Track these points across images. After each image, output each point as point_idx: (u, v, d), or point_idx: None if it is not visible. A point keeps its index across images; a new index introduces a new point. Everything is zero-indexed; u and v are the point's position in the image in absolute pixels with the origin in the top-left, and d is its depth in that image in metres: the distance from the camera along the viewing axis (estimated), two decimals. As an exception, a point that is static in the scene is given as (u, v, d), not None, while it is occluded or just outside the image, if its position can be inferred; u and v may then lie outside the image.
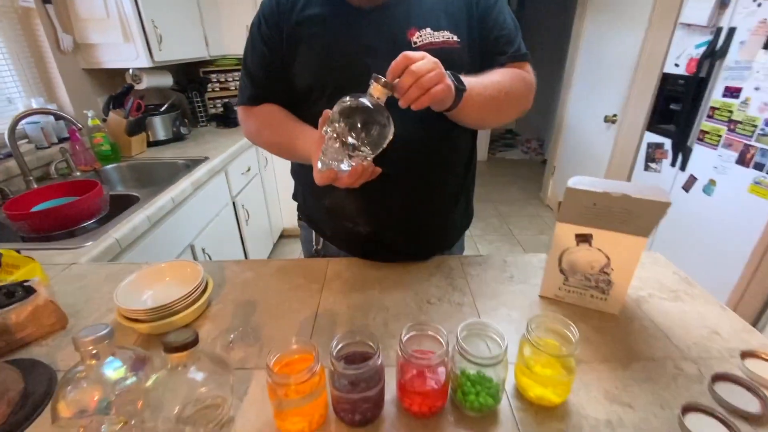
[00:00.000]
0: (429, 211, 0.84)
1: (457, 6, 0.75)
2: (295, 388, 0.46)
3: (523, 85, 0.76)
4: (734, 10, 1.50)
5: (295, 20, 0.75)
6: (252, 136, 0.87)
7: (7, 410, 0.53)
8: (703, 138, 1.65)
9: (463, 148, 0.85)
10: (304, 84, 0.77)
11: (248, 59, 0.82)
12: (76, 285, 0.83)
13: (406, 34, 0.72)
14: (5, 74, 1.51)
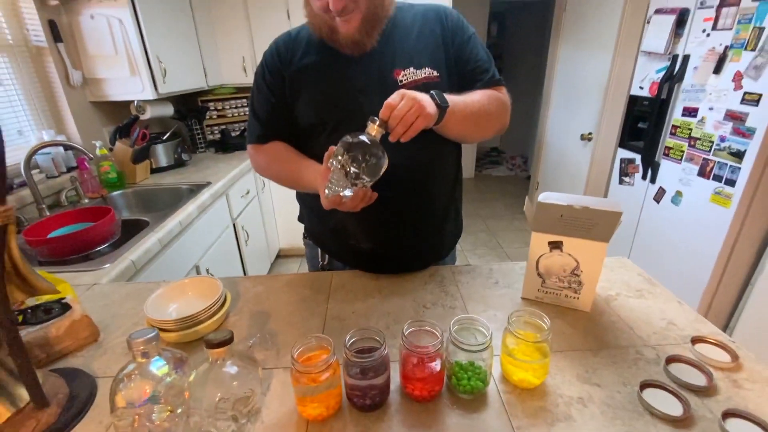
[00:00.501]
0: (423, 226, 0.94)
1: (435, 45, 0.86)
2: (314, 376, 0.55)
3: (499, 103, 0.88)
4: (687, 40, 1.68)
5: (295, 68, 0.86)
6: (261, 170, 0.97)
7: (57, 411, 0.60)
8: (668, 153, 1.81)
9: (448, 170, 0.96)
10: (306, 122, 0.88)
11: (255, 103, 0.92)
12: (100, 303, 0.91)
13: (392, 74, 0.83)
14: (17, 108, 1.60)
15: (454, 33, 0.88)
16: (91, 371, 0.70)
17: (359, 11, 0.78)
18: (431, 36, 0.87)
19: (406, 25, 0.87)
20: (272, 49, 0.90)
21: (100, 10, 1.66)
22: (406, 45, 0.85)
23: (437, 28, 0.87)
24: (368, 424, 0.58)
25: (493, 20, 5.31)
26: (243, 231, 2.09)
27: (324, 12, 0.77)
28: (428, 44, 0.86)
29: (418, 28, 0.87)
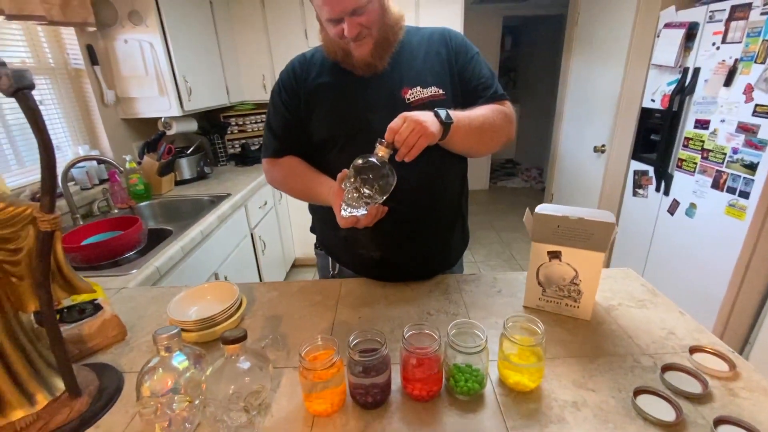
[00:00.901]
0: (429, 236, 0.98)
1: (440, 65, 0.92)
2: (320, 373, 0.59)
3: (503, 117, 0.91)
4: (697, 53, 1.69)
5: (310, 87, 0.93)
6: (276, 184, 1.03)
7: (88, 401, 0.66)
8: (681, 165, 1.80)
9: (454, 183, 1.00)
10: (319, 138, 0.94)
11: (271, 120, 0.99)
12: (128, 305, 0.98)
13: (401, 93, 0.89)
14: (56, 125, 1.73)
15: (458, 53, 0.93)
16: (118, 367, 0.76)
17: (372, 37, 0.84)
18: (437, 57, 0.92)
19: (413, 47, 0.93)
20: (288, 70, 0.97)
21: (133, 35, 1.80)
22: (413, 66, 0.91)
23: (442, 49, 0.93)
24: (370, 421, 0.62)
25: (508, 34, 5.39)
26: (260, 241, 2.17)
27: (339, 38, 0.83)
28: (434, 64, 0.92)
29: (425, 50, 0.93)
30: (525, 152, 5.66)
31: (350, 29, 0.80)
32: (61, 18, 1.51)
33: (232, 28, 2.53)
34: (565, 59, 3.00)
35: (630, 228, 2.23)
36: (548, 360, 0.72)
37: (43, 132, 0.48)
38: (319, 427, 0.61)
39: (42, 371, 0.64)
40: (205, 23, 2.21)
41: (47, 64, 1.68)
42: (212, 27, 2.29)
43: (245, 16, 2.51)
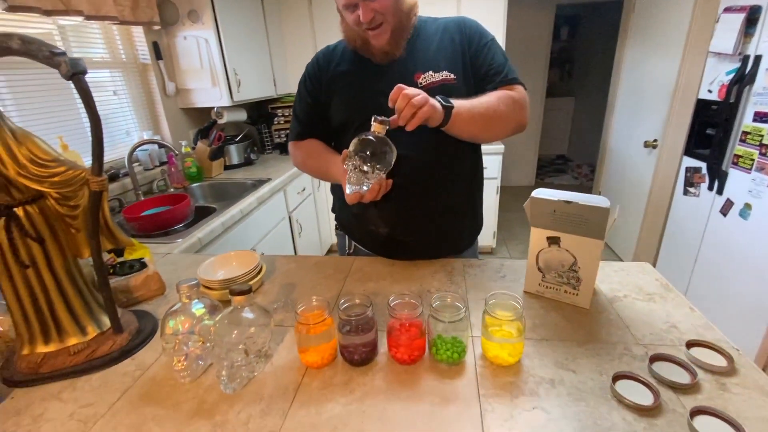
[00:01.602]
0: (436, 218, 1.02)
1: (453, 51, 0.95)
2: (311, 327, 0.67)
3: (511, 102, 0.91)
4: (759, 39, 1.53)
5: (331, 74, 1.00)
6: (299, 164, 1.12)
7: (128, 337, 0.79)
8: (737, 162, 1.65)
9: (464, 169, 1.02)
10: (338, 121, 1.01)
11: (297, 107, 1.08)
12: (170, 267, 1.13)
13: (413, 78, 0.93)
14: (127, 113, 1.98)
15: (471, 39, 0.96)
16: (156, 315, 0.89)
17: (389, 24, 0.89)
18: (450, 43, 0.96)
19: (429, 35, 0.97)
20: (313, 60, 1.06)
21: (191, 32, 1.99)
22: (427, 52, 0.95)
23: (456, 36, 0.96)
24: (354, 376, 0.68)
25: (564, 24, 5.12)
26: (297, 224, 2.31)
27: (357, 25, 0.89)
28: (447, 50, 0.95)
29: (440, 37, 0.97)
30: (578, 148, 5.37)
31: (365, 14, 0.85)
32: (131, 18, 1.72)
33: (281, 24, 2.68)
34: (619, 48, 2.82)
35: (679, 229, 2.07)
36: (535, 341, 0.74)
37: (93, 110, 0.59)
38: (310, 376, 0.68)
39: (93, 309, 0.77)
40: (255, 19, 2.38)
41: (120, 59, 1.92)
42: (262, 23, 2.45)
43: (293, 12, 2.66)
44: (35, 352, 0.72)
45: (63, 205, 0.69)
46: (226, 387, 0.66)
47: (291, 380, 0.68)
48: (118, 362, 0.75)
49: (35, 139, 0.65)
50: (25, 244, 0.67)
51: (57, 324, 0.73)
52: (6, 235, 0.65)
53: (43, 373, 0.71)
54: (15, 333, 0.73)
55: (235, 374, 0.66)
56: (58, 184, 0.65)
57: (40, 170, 0.64)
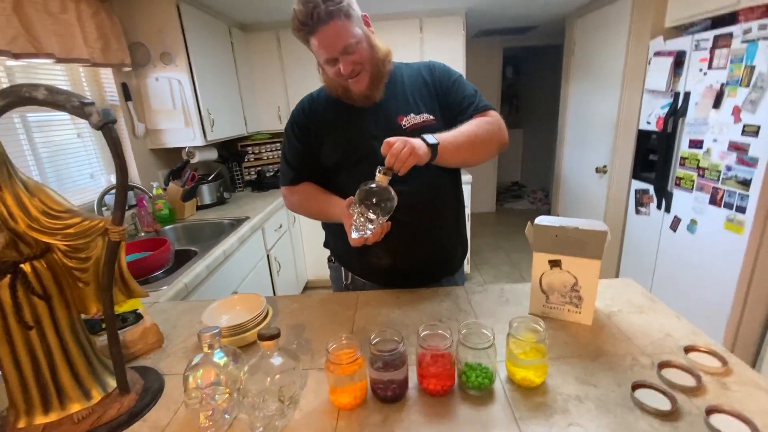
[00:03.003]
0: (432, 243, 1.08)
1: (428, 93, 1.05)
2: (344, 368, 0.66)
3: (489, 126, 1.00)
4: (686, 78, 1.79)
5: (318, 121, 1.05)
6: (295, 208, 1.15)
7: (135, 398, 0.74)
8: (679, 183, 1.87)
9: (449, 195, 1.10)
10: (329, 163, 1.06)
11: (287, 153, 1.11)
12: (161, 317, 1.06)
13: (397, 120, 1.01)
14: (92, 156, 1.88)
15: (441, 79, 1.06)
16: (159, 369, 0.83)
17: (366, 72, 0.96)
18: (424, 86, 1.05)
19: (404, 79, 1.06)
20: (299, 108, 1.10)
21: (164, 74, 1.97)
22: (405, 95, 1.04)
23: (428, 78, 1.06)
24: (389, 413, 0.68)
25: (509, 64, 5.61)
26: (276, 262, 2.26)
27: (338, 77, 0.96)
28: (423, 93, 1.04)
29: (414, 81, 1.06)
30: (530, 175, 5.77)
31: (345, 67, 0.92)
32: (102, 60, 1.67)
33: (251, 65, 2.73)
34: (564, 86, 3.14)
35: (635, 245, 2.27)
36: (552, 360, 0.78)
37: (121, 158, 0.58)
38: (345, 419, 0.67)
39: (97, 370, 0.71)
40: (226, 59, 2.40)
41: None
42: (232, 62, 2.48)
43: (263, 53, 2.72)
44: (33, 424, 0.65)
45: (72, 258, 0.65)
46: (261, 439, 0.63)
47: (326, 425, 0.66)
48: (128, 426, 0.69)
49: (47, 190, 0.62)
50: (30, 303, 0.62)
51: (58, 390, 0.66)
52: (10, 293, 0.60)
53: (43, 448, 0.64)
54: (9, 404, 0.65)
55: (269, 425, 0.64)
56: (72, 235, 0.62)
57: (53, 222, 0.60)
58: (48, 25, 1.44)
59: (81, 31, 1.56)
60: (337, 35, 0.89)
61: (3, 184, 0.57)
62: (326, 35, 0.89)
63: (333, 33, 0.89)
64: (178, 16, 1.92)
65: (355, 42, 0.91)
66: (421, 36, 2.73)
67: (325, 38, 0.89)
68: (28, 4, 1.38)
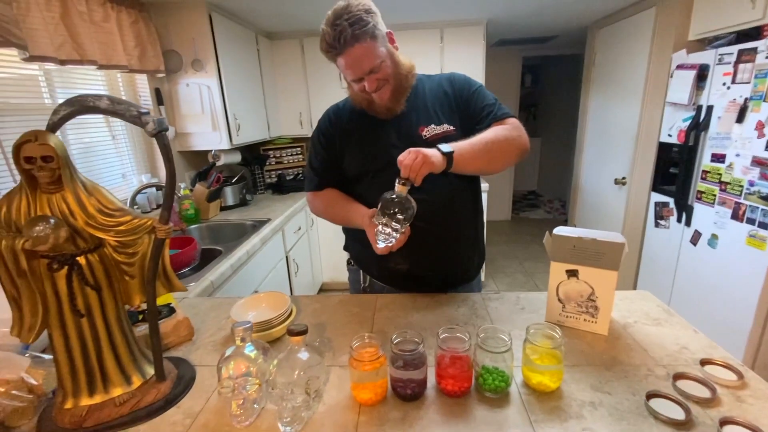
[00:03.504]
0: (450, 250, 1.10)
1: (449, 105, 1.08)
2: (366, 364, 0.70)
3: (506, 132, 1.01)
4: (709, 92, 1.78)
5: (343, 131, 1.10)
6: (319, 212, 1.20)
7: (170, 385, 0.79)
8: (700, 197, 1.85)
9: (467, 203, 1.13)
10: (352, 172, 1.10)
11: (312, 160, 1.17)
12: (190, 312, 1.11)
13: (418, 131, 1.04)
14: (124, 156, 1.97)
15: (461, 90, 1.09)
16: (190, 360, 0.88)
17: (390, 85, 1.01)
18: (445, 98, 1.09)
19: (425, 91, 1.10)
20: (325, 118, 1.15)
21: (194, 80, 2.06)
22: (426, 107, 1.07)
23: (449, 90, 1.09)
24: (408, 410, 0.71)
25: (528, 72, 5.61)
26: (294, 263, 2.32)
27: (363, 92, 1.00)
28: (443, 105, 1.08)
29: (435, 93, 1.09)
30: (547, 184, 5.73)
31: (370, 85, 0.97)
32: (138, 66, 1.77)
33: (275, 72, 2.82)
34: (583, 96, 3.14)
35: (653, 259, 2.25)
36: (568, 367, 0.80)
37: (171, 163, 0.63)
38: (366, 414, 0.71)
39: (137, 357, 0.77)
40: (252, 67, 2.49)
41: (121, 104, 1.94)
42: (258, 71, 2.57)
43: (287, 60, 2.81)
44: (79, 405, 0.70)
45: (121, 253, 0.71)
46: (287, 429, 0.67)
47: (348, 419, 0.70)
48: (164, 411, 0.74)
49: (102, 190, 0.68)
50: (83, 293, 0.67)
51: (103, 374, 0.72)
52: (66, 283, 0.66)
53: (88, 427, 0.69)
54: (57, 386, 0.71)
55: (295, 416, 0.68)
56: (123, 232, 0.67)
57: (107, 219, 0.66)
58: (92, 33, 1.54)
59: (121, 39, 1.66)
60: (363, 57, 0.93)
61: (65, 184, 0.63)
62: (353, 57, 0.93)
63: (359, 55, 0.92)
64: (209, 25, 2.01)
65: (380, 62, 0.95)
66: (442, 45, 2.78)
67: (351, 60, 0.93)
68: (75, 14, 1.48)
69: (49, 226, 0.61)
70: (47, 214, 0.63)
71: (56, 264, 0.64)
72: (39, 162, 0.60)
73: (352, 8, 0.91)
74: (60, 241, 0.62)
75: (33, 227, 0.60)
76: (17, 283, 0.64)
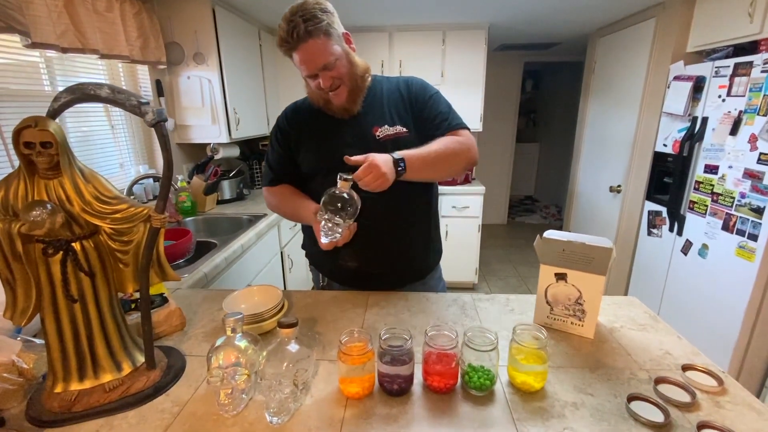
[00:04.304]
0: (398, 250, 1.12)
1: (403, 107, 1.09)
2: (354, 358, 0.71)
3: (457, 144, 1.04)
4: (705, 104, 1.81)
5: (299, 128, 1.12)
6: (273, 208, 1.22)
7: (160, 374, 0.80)
8: (693, 207, 1.88)
9: (419, 208, 1.14)
10: (307, 169, 1.12)
11: (269, 156, 1.19)
12: (183, 303, 1.12)
13: (372, 131, 1.06)
14: (122, 146, 1.98)
15: (417, 95, 1.11)
16: (181, 350, 0.89)
17: (345, 86, 1.02)
18: (400, 100, 1.10)
19: (382, 92, 1.11)
20: (283, 115, 1.17)
21: (195, 73, 2.07)
22: (382, 108, 1.09)
23: (405, 93, 1.11)
24: (395, 405, 0.72)
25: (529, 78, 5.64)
26: (288, 259, 2.32)
27: (319, 89, 1.01)
28: (398, 106, 1.10)
29: (390, 95, 1.11)
30: (544, 189, 5.76)
31: (324, 82, 0.98)
32: (140, 57, 1.77)
33: (276, 68, 2.82)
34: (582, 103, 3.16)
35: (645, 266, 2.27)
36: (553, 368, 0.81)
37: (169, 153, 0.64)
38: (353, 408, 0.72)
39: (128, 345, 0.78)
40: (254, 62, 2.50)
41: (121, 94, 1.95)
42: (260, 65, 2.57)
43: (289, 57, 2.81)
44: (68, 389, 0.71)
45: (116, 241, 0.71)
46: (274, 420, 0.68)
47: (334, 411, 0.71)
48: (153, 399, 0.75)
49: (100, 178, 0.69)
50: (77, 278, 0.68)
51: (94, 360, 0.72)
52: (61, 268, 0.66)
53: (77, 412, 0.70)
54: (48, 370, 0.72)
55: (282, 407, 0.69)
56: (119, 220, 0.68)
57: (103, 207, 0.67)
58: (94, 22, 1.54)
59: (123, 30, 1.66)
60: (316, 53, 0.95)
61: (63, 170, 0.64)
62: (306, 52, 0.95)
63: (312, 51, 0.94)
64: (213, 18, 2.02)
65: (334, 59, 0.97)
66: (443, 48, 2.79)
67: (305, 55, 0.95)
68: (78, 2, 1.48)
69: (45, 211, 0.62)
70: (44, 200, 0.64)
71: (51, 249, 0.65)
72: (38, 147, 0.61)
73: (307, 5, 0.94)
74: (56, 226, 0.63)
75: (30, 212, 0.61)
76: (12, 266, 0.64)
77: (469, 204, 2.86)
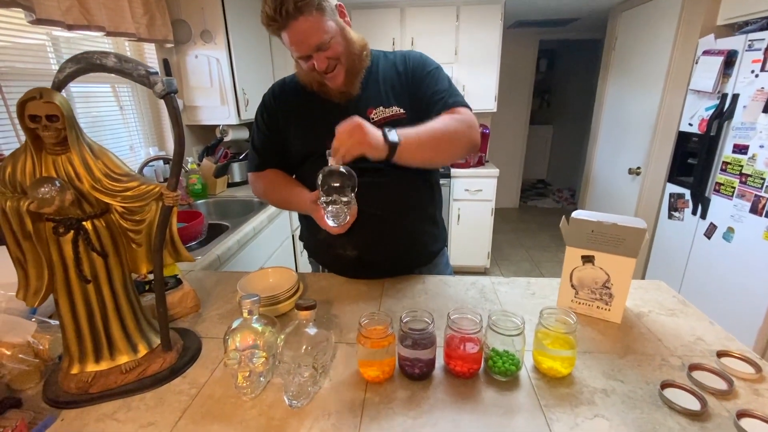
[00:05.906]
0: (399, 237, 1.05)
1: (400, 85, 1.00)
2: (375, 341, 0.68)
3: (456, 123, 0.92)
4: (736, 80, 1.71)
5: (287, 109, 1.03)
6: (259, 194, 1.12)
7: (176, 355, 0.78)
8: (719, 189, 1.80)
9: (421, 193, 1.07)
10: (297, 152, 1.03)
11: (255, 138, 1.09)
12: (197, 285, 1.11)
13: (366, 113, 0.96)
14: (132, 128, 1.95)
15: (414, 70, 1.01)
16: (196, 332, 0.88)
17: (342, 66, 0.92)
18: (397, 78, 1.01)
19: (379, 70, 1.02)
20: (269, 93, 1.06)
21: (203, 52, 2.01)
22: (379, 88, 0.99)
23: (401, 69, 1.01)
24: (416, 390, 0.70)
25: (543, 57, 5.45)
26: (299, 242, 2.31)
27: (312, 72, 0.91)
28: (395, 85, 1.00)
29: (388, 73, 1.01)
30: (557, 173, 5.64)
31: (319, 63, 0.88)
32: (146, 35, 1.73)
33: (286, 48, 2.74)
34: (601, 83, 3.04)
35: (665, 250, 2.21)
36: (580, 354, 0.78)
37: (180, 127, 0.61)
38: (372, 392, 0.70)
39: (144, 326, 0.76)
40: (263, 41, 2.43)
41: (129, 74, 1.91)
42: (269, 45, 2.51)
43: (297, 35, 2.73)
44: (85, 371, 0.70)
45: (128, 220, 0.69)
46: (293, 403, 0.66)
47: (354, 395, 0.69)
48: (169, 381, 0.73)
49: (110, 154, 0.66)
50: (89, 258, 0.66)
51: (110, 341, 0.71)
52: (72, 248, 0.64)
53: (93, 393, 0.69)
54: (63, 351, 0.71)
55: (301, 390, 0.67)
56: (130, 198, 0.66)
57: (113, 184, 0.64)
58: (99, -2, 1.49)
59: (129, 6, 1.61)
60: (308, 32, 0.84)
61: (71, 145, 0.61)
62: (297, 32, 0.84)
63: (304, 29, 0.84)
64: (219, -7, 1.95)
65: (329, 38, 0.86)
66: (457, 24, 2.69)
67: (296, 35, 0.84)
68: (82, -22, 1.43)
69: (54, 188, 0.59)
70: (53, 176, 0.61)
71: (62, 228, 0.63)
72: (44, 121, 0.58)
73: None
74: (65, 204, 0.60)
75: (38, 188, 0.58)
76: (23, 246, 0.62)
77: (482, 187, 2.80)
